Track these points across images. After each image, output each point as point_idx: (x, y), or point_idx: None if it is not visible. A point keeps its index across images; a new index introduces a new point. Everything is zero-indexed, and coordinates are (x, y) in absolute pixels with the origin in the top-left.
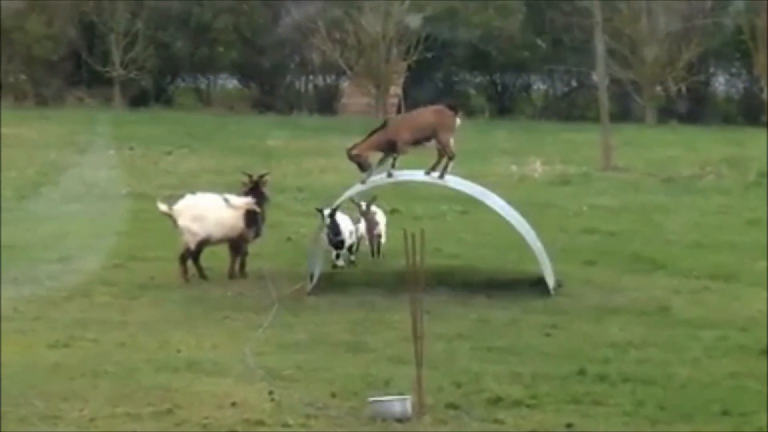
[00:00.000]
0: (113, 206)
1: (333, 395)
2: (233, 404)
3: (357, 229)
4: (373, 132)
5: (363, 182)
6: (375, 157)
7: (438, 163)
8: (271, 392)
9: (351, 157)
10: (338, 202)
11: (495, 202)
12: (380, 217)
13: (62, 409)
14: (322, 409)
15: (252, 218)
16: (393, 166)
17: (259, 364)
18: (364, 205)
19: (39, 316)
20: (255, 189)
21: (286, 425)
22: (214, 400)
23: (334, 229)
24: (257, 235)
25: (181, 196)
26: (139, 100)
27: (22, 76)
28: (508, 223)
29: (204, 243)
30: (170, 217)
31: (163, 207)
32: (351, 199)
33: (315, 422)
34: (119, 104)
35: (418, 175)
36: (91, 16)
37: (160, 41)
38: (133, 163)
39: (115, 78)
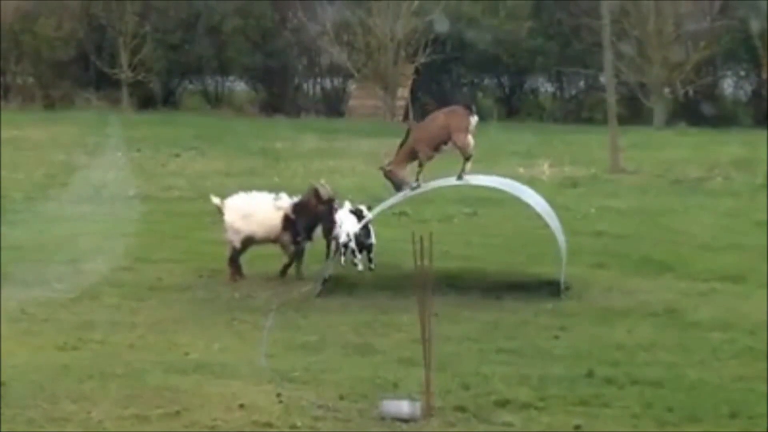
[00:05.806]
0: (121, 208)
1: (341, 397)
2: (242, 406)
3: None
4: (401, 145)
5: (413, 189)
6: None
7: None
8: (279, 394)
9: (387, 175)
10: (377, 210)
11: (532, 198)
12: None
13: (70, 411)
14: (331, 410)
15: (289, 222)
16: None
17: (268, 366)
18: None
19: (47, 317)
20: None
21: (294, 427)
22: (222, 402)
23: (367, 233)
24: (295, 242)
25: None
26: (147, 103)
27: (30, 78)
28: (516, 225)
29: (248, 241)
30: (219, 211)
31: (216, 200)
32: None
33: (323, 424)
34: (127, 106)
35: (450, 181)
36: (99, 18)
37: (169, 43)
38: (141, 165)
39: (124, 80)
